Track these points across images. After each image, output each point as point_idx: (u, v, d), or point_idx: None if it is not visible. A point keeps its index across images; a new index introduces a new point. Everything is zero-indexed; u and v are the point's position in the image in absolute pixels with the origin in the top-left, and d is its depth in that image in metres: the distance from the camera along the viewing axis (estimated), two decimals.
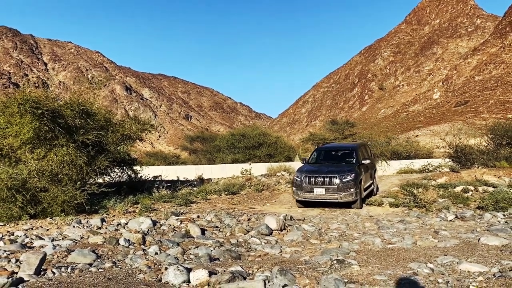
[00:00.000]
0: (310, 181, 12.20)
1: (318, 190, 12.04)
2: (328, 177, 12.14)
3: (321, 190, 12.01)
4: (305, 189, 12.17)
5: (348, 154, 14.17)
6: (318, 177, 12.24)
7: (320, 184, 12.10)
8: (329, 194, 11.99)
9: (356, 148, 14.60)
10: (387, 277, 3.82)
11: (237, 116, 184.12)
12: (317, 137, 58.29)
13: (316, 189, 12.05)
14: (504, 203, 11.27)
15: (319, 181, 12.15)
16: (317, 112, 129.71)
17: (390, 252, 5.24)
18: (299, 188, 12.28)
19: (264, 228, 7.37)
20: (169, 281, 3.86)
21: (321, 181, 12.14)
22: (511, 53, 78.25)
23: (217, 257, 5.21)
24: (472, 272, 3.91)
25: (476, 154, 24.48)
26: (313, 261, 4.70)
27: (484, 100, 61.71)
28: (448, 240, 6.18)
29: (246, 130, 36.34)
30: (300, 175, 12.49)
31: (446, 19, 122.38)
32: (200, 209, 11.79)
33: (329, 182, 12.08)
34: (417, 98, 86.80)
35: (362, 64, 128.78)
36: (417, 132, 49.12)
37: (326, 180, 12.12)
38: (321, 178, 12.15)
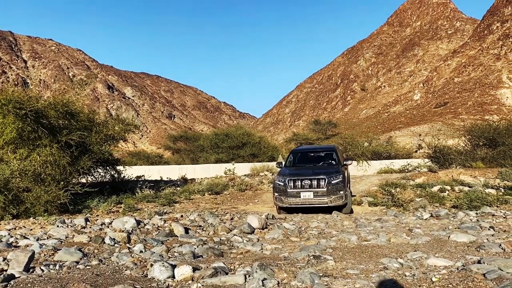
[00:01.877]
0: (296, 184, 11.10)
1: (305, 194, 10.98)
2: (315, 180, 11.12)
3: (308, 194, 10.96)
4: (290, 194, 11.02)
5: (328, 155, 13.34)
6: (304, 179, 11.17)
7: (308, 187, 11.03)
8: (318, 198, 10.97)
9: (334, 148, 13.99)
10: (359, 271, 4.10)
11: (221, 116, 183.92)
12: (300, 137, 58.85)
13: (303, 194, 10.97)
14: (477, 202, 11.77)
15: (306, 184, 11.07)
16: (301, 112, 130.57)
17: (364, 248, 5.54)
18: (282, 194, 11.10)
19: (246, 227, 7.61)
20: (155, 277, 4.06)
21: (308, 184, 11.07)
22: (489, 56, 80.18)
23: (200, 254, 5.42)
24: (438, 266, 4.21)
25: (454, 154, 25.18)
26: (291, 257, 4.96)
27: (463, 101, 63.18)
28: (421, 237, 6.52)
29: (229, 130, 36.53)
30: (283, 178, 11.33)
31: (427, 21, 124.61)
32: (183, 209, 11.96)
33: (317, 185, 11.06)
34: (398, 99, 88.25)
35: (344, 65, 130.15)
36: (398, 133, 50.07)
37: (313, 183, 11.08)
38: (308, 181, 11.10)
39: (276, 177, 11.83)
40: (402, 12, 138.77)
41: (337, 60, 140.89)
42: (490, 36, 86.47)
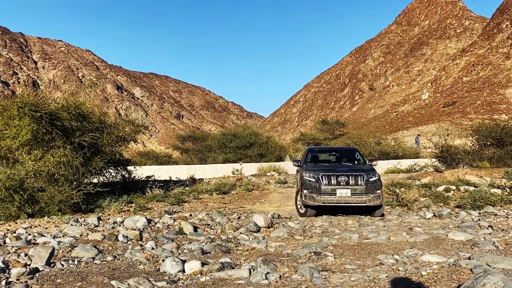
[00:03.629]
0: (331, 181, 10.02)
1: (342, 191, 9.91)
2: (353, 176, 10.09)
3: (345, 191, 9.90)
4: (324, 191, 9.92)
5: (351, 155, 12.56)
6: (340, 175, 10.09)
7: (344, 184, 9.98)
8: (356, 196, 9.94)
9: (356, 149, 13.52)
10: (356, 266, 4.39)
11: (229, 116, 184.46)
12: (307, 137, 59.08)
13: (339, 191, 9.91)
14: (480, 202, 11.97)
15: (342, 181, 10.02)
16: (308, 112, 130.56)
17: (364, 246, 5.83)
18: (314, 190, 9.96)
19: (252, 225, 7.92)
20: (167, 271, 4.39)
21: (345, 180, 10.03)
22: (498, 55, 79.62)
23: (208, 251, 5.75)
24: (431, 262, 4.48)
25: (461, 154, 25.25)
26: (294, 253, 5.26)
27: (472, 101, 62.89)
28: (420, 235, 6.78)
29: (237, 130, 36.83)
30: (315, 174, 10.19)
31: (435, 20, 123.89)
32: (192, 208, 12.31)
33: (355, 182, 10.03)
34: (407, 98, 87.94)
35: (352, 64, 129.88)
36: (406, 132, 50.08)
37: (351, 179, 10.05)
38: (344, 177, 10.05)
39: (303, 173, 10.54)
40: (411, 11, 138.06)
41: (345, 59, 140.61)
42: (500, 34, 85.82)
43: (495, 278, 2.77)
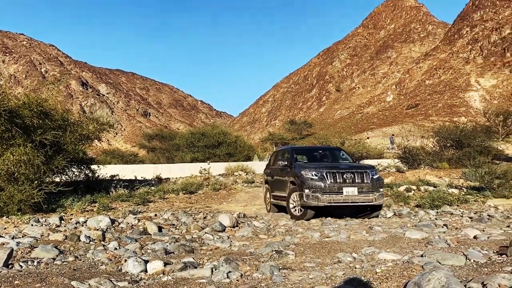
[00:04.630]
0: (336, 178, 9.30)
1: (348, 190, 9.24)
2: (359, 173, 9.50)
3: (352, 189, 9.25)
4: (330, 190, 9.19)
5: (337, 154, 12.08)
6: (346, 172, 9.43)
7: (351, 182, 9.32)
8: (363, 195, 9.35)
9: (340, 148, 13.27)
10: (315, 264, 4.54)
11: (198, 114, 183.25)
12: (276, 137, 59.53)
13: (346, 189, 9.23)
14: (438, 202, 12.47)
15: (348, 178, 9.35)
16: (277, 112, 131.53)
17: (325, 244, 6.01)
18: (318, 189, 9.18)
19: (217, 225, 7.99)
20: (129, 271, 4.40)
21: (351, 177, 9.37)
22: (458, 59, 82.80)
23: (172, 251, 5.78)
24: (387, 260, 4.69)
25: (422, 155, 26.16)
26: (257, 252, 5.38)
27: (433, 103, 65.15)
28: (378, 234, 7.04)
29: (206, 129, 36.70)
30: (317, 171, 9.40)
31: (401, 24, 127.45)
32: (157, 208, 12.23)
33: (361, 179, 9.43)
34: (372, 100, 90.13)
35: (320, 66, 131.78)
36: (370, 133, 51.33)
37: (357, 176, 9.43)
38: (350, 174, 9.40)
39: (303, 171, 9.62)
40: (377, 15, 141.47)
41: (313, 60, 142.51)
42: (460, 40, 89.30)
43: (439, 274, 2.96)
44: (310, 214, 9.43)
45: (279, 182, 11.13)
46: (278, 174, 11.35)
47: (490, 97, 63.52)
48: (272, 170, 12.23)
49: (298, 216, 9.59)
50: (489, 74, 72.08)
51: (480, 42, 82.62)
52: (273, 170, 12.11)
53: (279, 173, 11.28)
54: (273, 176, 11.84)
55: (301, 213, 9.55)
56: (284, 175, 10.74)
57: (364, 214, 10.11)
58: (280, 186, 10.99)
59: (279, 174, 11.22)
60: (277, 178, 11.37)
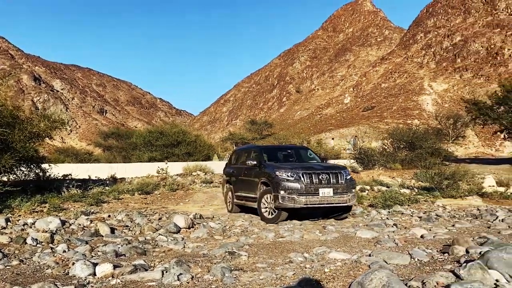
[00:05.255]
0: (312, 179, 9.09)
1: (324, 191, 9.06)
2: (333, 174, 9.38)
3: (328, 191, 9.10)
4: (307, 190, 8.95)
5: (305, 153, 11.93)
6: (321, 173, 9.25)
7: (326, 182, 9.17)
8: (338, 196, 9.21)
9: (308, 147, 13.07)
10: (267, 265, 4.60)
11: (157, 112, 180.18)
12: (236, 136, 59.54)
13: (322, 190, 9.04)
14: (390, 202, 12.89)
15: (324, 179, 9.18)
16: (238, 112, 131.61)
17: (278, 244, 6.09)
18: (294, 191, 8.92)
19: (172, 226, 7.89)
20: (76, 274, 4.27)
21: (326, 178, 9.21)
22: (413, 64, 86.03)
23: (123, 253, 5.66)
24: (337, 259, 4.81)
25: (377, 156, 26.99)
26: (210, 254, 5.37)
27: (388, 106, 67.33)
28: (331, 234, 7.21)
29: (164, 128, 36.12)
30: (293, 172, 9.12)
31: (359, 28, 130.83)
32: (111, 209, 11.94)
33: (336, 180, 9.31)
34: (330, 101, 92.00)
35: (281, 66, 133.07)
36: (328, 134, 52.39)
37: (332, 177, 9.29)
38: (325, 175, 9.24)
39: (277, 172, 9.26)
40: (336, 18, 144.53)
41: (274, 61, 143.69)
42: (415, 45, 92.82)
43: (380, 273, 3.08)
44: (283, 216, 9.14)
45: (246, 182, 10.76)
46: (244, 173, 10.95)
47: (441, 101, 66.44)
48: (235, 170, 11.86)
49: (270, 219, 9.24)
50: (441, 78, 75.36)
51: (433, 47, 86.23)
52: (237, 170, 11.74)
53: (245, 172, 10.89)
54: (238, 176, 11.44)
55: (274, 215, 9.21)
56: (253, 175, 10.35)
57: (336, 215, 9.99)
58: (247, 187, 10.62)
59: (246, 174, 10.82)
60: (244, 178, 10.97)
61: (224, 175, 13.06)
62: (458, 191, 16.13)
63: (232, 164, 12.63)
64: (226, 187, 12.49)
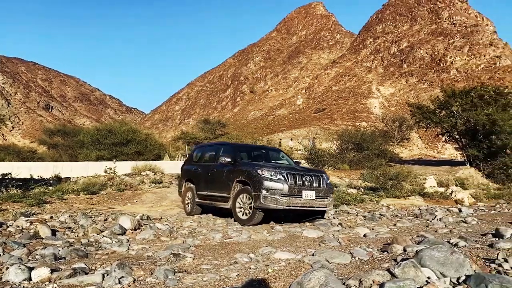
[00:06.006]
0: (296, 180, 8.84)
1: (307, 193, 8.86)
2: (316, 176, 9.24)
3: (311, 193, 8.92)
4: (291, 192, 8.69)
5: (278, 155, 11.54)
6: (305, 175, 9.07)
7: (309, 185, 8.98)
8: (319, 199, 9.06)
9: (280, 149, 12.80)
10: (212, 266, 4.59)
11: (106, 110, 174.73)
12: (188, 136, 58.82)
13: (305, 193, 8.83)
14: (337, 201, 13.27)
15: (307, 181, 8.98)
16: (191, 111, 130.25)
17: (225, 245, 6.09)
18: (277, 191, 8.59)
19: (117, 228, 7.68)
20: (10, 280, 4.06)
21: (309, 180, 9.03)
22: (362, 68, 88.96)
23: (63, 256, 5.43)
24: (281, 259, 4.89)
25: (326, 157, 27.67)
26: (155, 256, 5.28)
27: (338, 108, 69.20)
28: (278, 234, 7.31)
29: (114, 126, 35.09)
30: (277, 172, 8.76)
31: (312, 31, 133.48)
32: (54, 210, 11.45)
33: (318, 183, 9.17)
34: (283, 103, 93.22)
35: (235, 66, 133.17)
36: (281, 135, 53.01)
37: (314, 179, 9.14)
38: (309, 177, 9.06)
39: (260, 170, 8.86)
40: (290, 21, 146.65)
41: (229, 61, 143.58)
42: (364, 50, 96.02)
43: (319, 273, 3.17)
44: (258, 217, 8.76)
45: (215, 180, 10.24)
46: (213, 171, 10.37)
47: (388, 104, 69.15)
48: (200, 167, 11.23)
49: (244, 220, 8.88)
50: (388, 83, 78.43)
51: (381, 53, 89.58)
52: (202, 167, 11.14)
53: (215, 170, 10.31)
54: (204, 174, 10.82)
55: (249, 216, 8.83)
56: (225, 173, 9.80)
57: (311, 219, 9.77)
58: (216, 185, 10.10)
59: (216, 172, 10.23)
60: (213, 176, 10.42)
61: (182, 174, 12.40)
62: (401, 191, 16.86)
63: (194, 162, 11.99)
64: (185, 186, 11.81)
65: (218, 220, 9.57)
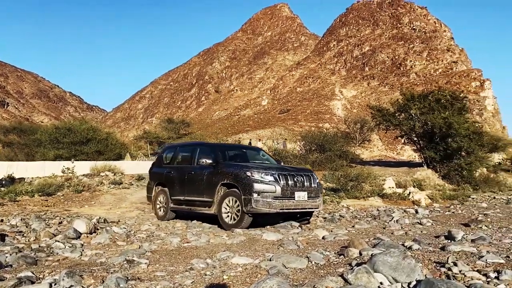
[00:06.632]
0: (288, 181, 8.53)
1: (300, 195, 8.59)
2: (306, 176, 8.96)
3: (303, 194, 8.66)
4: (284, 194, 8.35)
5: (259, 155, 11.00)
6: (297, 175, 8.77)
7: (301, 185, 8.73)
8: (311, 200, 8.83)
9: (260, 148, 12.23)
10: (167, 273, 4.48)
11: (66, 107, 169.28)
12: (151, 135, 57.82)
13: (297, 194, 8.57)
14: None
15: (299, 182, 8.71)
16: (154, 109, 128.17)
17: (182, 250, 5.99)
18: (270, 194, 8.23)
19: (71, 232, 7.40)
20: None
21: (301, 181, 8.76)
22: (326, 70, 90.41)
23: (10, 263, 5.17)
24: (238, 265, 4.84)
25: (290, 158, 27.88)
26: (108, 262, 5.11)
27: (303, 109, 70.00)
28: (238, 237, 7.26)
29: (73, 124, 34.04)
30: (268, 173, 8.38)
31: (277, 32, 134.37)
32: (6, 212, 10.94)
33: (309, 183, 8.92)
34: (248, 103, 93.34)
35: (200, 65, 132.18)
36: (245, 135, 53.04)
37: (306, 180, 8.87)
38: (300, 177, 8.79)
39: (249, 172, 8.36)
40: (256, 21, 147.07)
41: (194, 60, 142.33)
42: (328, 52, 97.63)
43: (272, 281, 3.16)
44: (247, 222, 8.32)
45: (194, 184, 9.56)
46: (191, 174, 9.72)
47: (350, 107, 70.61)
48: (174, 170, 10.50)
49: (232, 225, 8.39)
50: (350, 85, 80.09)
51: (345, 56, 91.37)
52: (177, 170, 10.43)
53: (193, 173, 9.68)
54: (180, 177, 10.13)
55: (237, 220, 8.38)
56: (207, 175, 9.17)
57: (299, 220, 9.47)
58: (196, 189, 9.46)
59: (195, 175, 9.60)
60: (190, 179, 9.76)
61: (152, 177, 11.50)
62: (361, 192, 17.21)
63: (166, 164, 11.20)
64: (155, 191, 10.98)
65: (177, 223, 9.42)
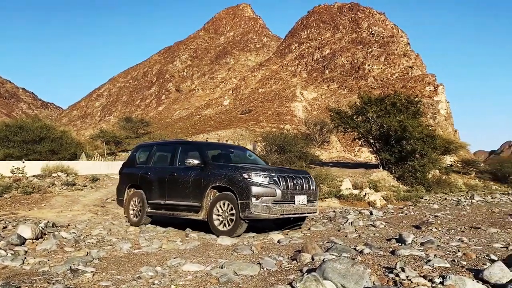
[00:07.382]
0: (288, 184, 8.09)
1: (300, 198, 8.19)
2: (305, 179, 8.61)
3: (303, 198, 8.25)
4: (284, 198, 7.89)
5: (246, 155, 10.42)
6: (296, 178, 8.36)
7: (301, 189, 8.33)
8: (310, 204, 8.46)
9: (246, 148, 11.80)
10: (112, 283, 4.30)
11: (18, 104, 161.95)
12: (108, 134, 56.29)
13: (297, 198, 8.14)
14: None
15: (298, 184, 8.31)
16: (112, 108, 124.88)
17: (132, 257, 5.79)
18: (269, 198, 7.73)
19: (15, 237, 7.01)
20: None
21: (300, 183, 8.37)
22: (287, 72, 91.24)
23: None
24: (189, 272, 4.72)
25: None
26: (51, 271, 4.85)
27: (264, 110, 70.28)
28: (192, 242, 7.12)
29: (25, 122, 32.61)
30: (266, 175, 7.87)
31: (239, 33, 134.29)
32: None
33: (308, 186, 8.56)
34: (210, 103, 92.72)
35: (161, 63, 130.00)
36: (206, 135, 52.60)
37: (305, 182, 8.50)
38: (300, 180, 8.38)
39: (245, 174, 7.80)
40: (218, 21, 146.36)
41: (154, 57, 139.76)
42: (289, 54, 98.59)
43: None
44: (243, 228, 7.82)
45: (176, 187, 8.89)
46: (174, 176, 9.04)
47: (311, 108, 71.59)
48: (151, 171, 9.76)
49: (225, 231, 7.80)
50: (311, 87, 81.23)
51: (306, 58, 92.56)
52: (154, 171, 9.69)
53: (175, 174, 9.02)
54: (158, 179, 9.43)
55: (231, 227, 7.80)
56: (193, 177, 8.53)
57: (291, 225, 9.10)
58: (179, 193, 8.78)
59: (178, 177, 8.93)
60: (172, 182, 9.06)
61: (123, 179, 10.73)
62: (319, 193, 17.46)
63: (140, 164, 10.42)
64: (127, 194, 10.28)
65: (130, 228, 9.15)
